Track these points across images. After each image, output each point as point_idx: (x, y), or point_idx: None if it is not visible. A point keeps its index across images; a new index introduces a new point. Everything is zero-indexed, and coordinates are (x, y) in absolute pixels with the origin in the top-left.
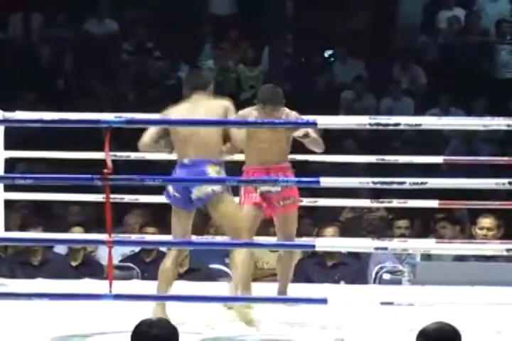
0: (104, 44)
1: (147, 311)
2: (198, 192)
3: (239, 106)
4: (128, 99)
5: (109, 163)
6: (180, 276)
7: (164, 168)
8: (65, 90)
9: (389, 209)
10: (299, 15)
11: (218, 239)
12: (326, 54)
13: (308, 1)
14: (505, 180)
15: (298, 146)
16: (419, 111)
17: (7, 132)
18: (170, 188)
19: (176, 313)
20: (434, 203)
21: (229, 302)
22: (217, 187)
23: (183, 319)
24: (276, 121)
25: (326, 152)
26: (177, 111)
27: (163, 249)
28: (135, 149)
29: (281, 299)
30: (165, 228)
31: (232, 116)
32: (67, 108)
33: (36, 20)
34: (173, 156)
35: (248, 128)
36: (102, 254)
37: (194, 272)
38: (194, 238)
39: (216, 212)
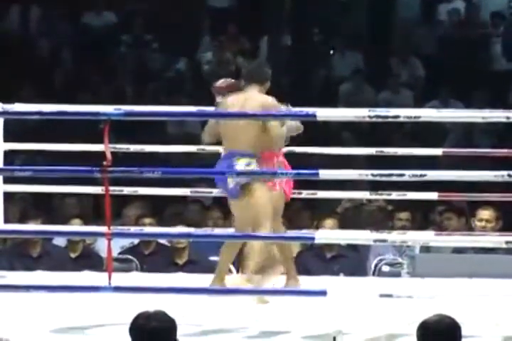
0: (102, 36)
1: (146, 303)
2: (230, 183)
3: None
4: (127, 92)
5: (109, 155)
6: (180, 268)
7: (164, 160)
8: (63, 83)
9: (389, 201)
10: (298, 7)
11: (217, 231)
12: (325, 46)
13: None
14: (505, 172)
15: (296, 138)
16: (418, 104)
17: (6, 124)
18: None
19: (175, 305)
20: (433, 195)
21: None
22: (242, 179)
23: (183, 311)
24: (277, 113)
25: (326, 144)
26: (232, 103)
27: (162, 241)
28: (133, 141)
29: (280, 291)
30: (164, 220)
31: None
32: (66, 100)
33: (34, 13)
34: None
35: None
36: (101, 246)
37: (193, 264)
38: (193, 230)
39: (243, 202)
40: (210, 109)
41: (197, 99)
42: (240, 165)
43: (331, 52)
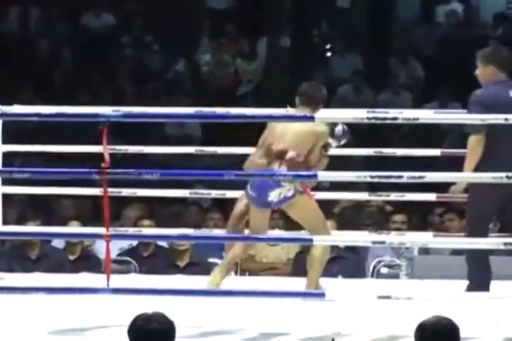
0: (101, 37)
1: (144, 305)
2: (273, 196)
3: (237, 99)
4: (126, 92)
5: (107, 157)
6: (180, 270)
7: (162, 161)
8: (62, 84)
9: (388, 202)
10: (297, 8)
11: (217, 232)
12: (324, 48)
13: None
14: (503, 174)
15: None
16: (416, 105)
17: (4, 126)
18: (248, 189)
19: (175, 307)
20: (432, 196)
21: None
22: (288, 193)
23: (181, 313)
24: (276, 115)
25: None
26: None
27: (160, 243)
28: (132, 142)
29: (278, 293)
30: (162, 222)
31: (321, 142)
32: (65, 101)
33: (34, 14)
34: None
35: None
36: (99, 248)
37: (194, 266)
38: (191, 232)
39: (293, 215)
40: (209, 110)
41: (196, 100)
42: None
43: (330, 53)
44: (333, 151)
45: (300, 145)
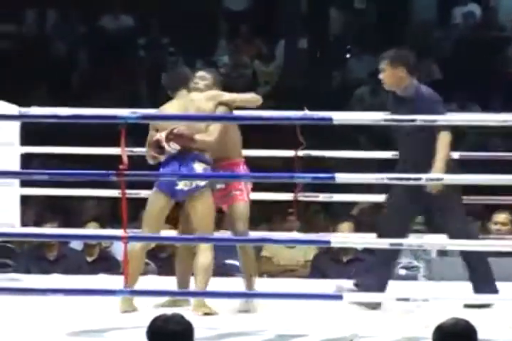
0: (119, 39)
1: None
2: (183, 184)
3: None
4: (143, 95)
5: (125, 159)
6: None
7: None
8: (79, 85)
9: None
10: (313, 10)
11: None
12: (342, 49)
13: None
14: None
15: (313, 142)
16: None
17: (23, 128)
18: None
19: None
20: None
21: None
22: (201, 182)
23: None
24: (293, 117)
25: (341, 148)
26: (172, 108)
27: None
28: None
29: (296, 295)
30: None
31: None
32: (82, 103)
33: (51, 16)
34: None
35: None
36: (117, 250)
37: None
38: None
39: (194, 209)
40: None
41: None
42: (198, 170)
43: (349, 55)
44: (352, 154)
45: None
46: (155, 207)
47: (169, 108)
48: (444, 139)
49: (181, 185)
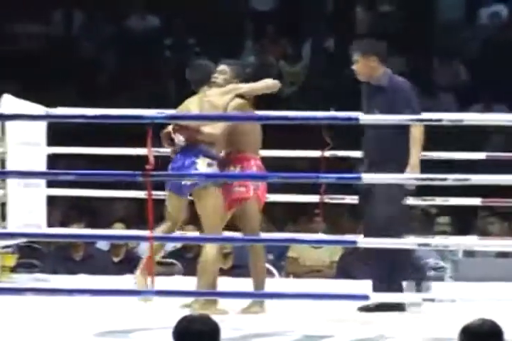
0: (145, 40)
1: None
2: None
3: (280, 102)
4: (169, 95)
5: (151, 160)
6: (225, 273)
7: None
8: (106, 86)
9: (432, 205)
10: (339, 10)
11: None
12: None
13: None
14: None
15: (340, 142)
16: (461, 108)
17: (49, 128)
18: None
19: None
20: (476, 201)
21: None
22: (202, 180)
23: (225, 315)
24: (319, 117)
25: None
26: (191, 104)
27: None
28: None
29: (323, 295)
30: None
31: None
32: (109, 104)
33: (78, 17)
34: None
35: None
36: (143, 250)
37: (238, 269)
38: (236, 234)
39: (198, 203)
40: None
41: None
42: (201, 165)
43: None
44: None
45: None
46: (169, 208)
47: (189, 104)
48: (416, 134)
49: (185, 180)
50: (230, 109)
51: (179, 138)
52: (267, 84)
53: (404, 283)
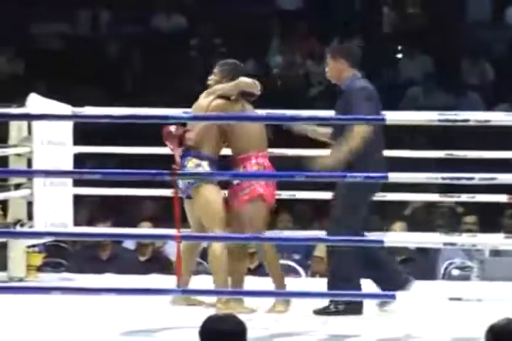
0: (171, 40)
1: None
2: (181, 182)
3: (307, 101)
4: (195, 95)
5: (178, 159)
6: (251, 272)
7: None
8: (132, 85)
9: (459, 203)
10: (367, 9)
11: (286, 234)
12: (394, 49)
13: None
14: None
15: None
16: (488, 107)
17: (76, 127)
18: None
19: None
20: (502, 198)
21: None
22: (192, 180)
23: (251, 314)
24: (346, 117)
25: (396, 147)
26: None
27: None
28: None
29: (350, 294)
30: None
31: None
32: (135, 104)
33: (104, 16)
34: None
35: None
36: (170, 249)
37: (263, 268)
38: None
39: (194, 203)
40: (279, 112)
41: (266, 102)
42: (190, 166)
43: (401, 55)
44: (405, 153)
45: None
46: (189, 215)
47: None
48: (356, 131)
49: (181, 183)
50: (209, 110)
51: (168, 145)
52: (237, 84)
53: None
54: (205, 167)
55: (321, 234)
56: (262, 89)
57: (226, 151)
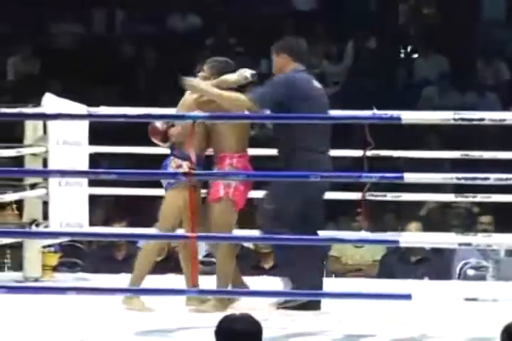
0: (186, 40)
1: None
2: (163, 181)
3: None
4: None
5: (193, 158)
6: (265, 272)
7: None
8: (147, 85)
9: (474, 203)
10: (382, 9)
11: None
12: (409, 49)
13: None
14: None
15: (382, 141)
16: (503, 107)
17: (92, 127)
18: None
19: (259, 308)
20: None
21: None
22: (171, 181)
23: (267, 314)
24: (361, 116)
25: (410, 147)
26: None
27: (246, 244)
28: None
29: (365, 295)
30: (244, 223)
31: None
32: (149, 103)
33: (119, 16)
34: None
35: None
36: None
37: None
38: None
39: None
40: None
41: None
42: (171, 166)
43: (416, 55)
44: (421, 154)
45: None
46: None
47: None
48: (234, 96)
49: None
50: (195, 106)
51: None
52: (219, 80)
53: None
54: (185, 168)
55: (337, 234)
56: (255, 74)
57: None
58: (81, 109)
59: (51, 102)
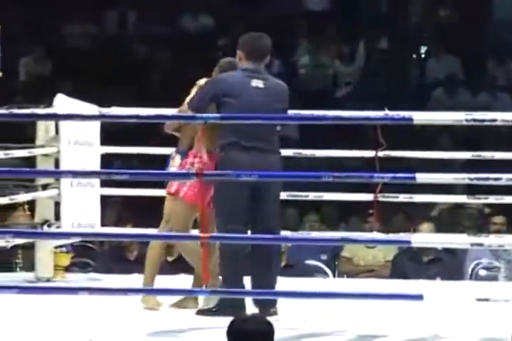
0: (199, 40)
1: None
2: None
3: (334, 101)
4: None
5: (205, 159)
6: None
7: None
8: (160, 86)
9: (486, 205)
10: (394, 10)
11: (314, 234)
12: (421, 50)
13: None
14: None
15: (394, 142)
16: None
17: (104, 127)
18: None
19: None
20: None
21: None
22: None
23: (280, 314)
24: (373, 117)
25: (422, 148)
26: None
27: None
28: None
29: (377, 295)
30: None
31: None
32: (162, 104)
33: (131, 17)
34: None
35: None
36: None
37: (291, 268)
38: (289, 234)
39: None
40: (303, 112)
41: (292, 102)
42: (173, 163)
43: (427, 55)
44: (433, 154)
45: None
46: None
47: None
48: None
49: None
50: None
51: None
52: None
53: None
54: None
55: (349, 234)
56: None
57: None
58: (93, 109)
59: (63, 103)
